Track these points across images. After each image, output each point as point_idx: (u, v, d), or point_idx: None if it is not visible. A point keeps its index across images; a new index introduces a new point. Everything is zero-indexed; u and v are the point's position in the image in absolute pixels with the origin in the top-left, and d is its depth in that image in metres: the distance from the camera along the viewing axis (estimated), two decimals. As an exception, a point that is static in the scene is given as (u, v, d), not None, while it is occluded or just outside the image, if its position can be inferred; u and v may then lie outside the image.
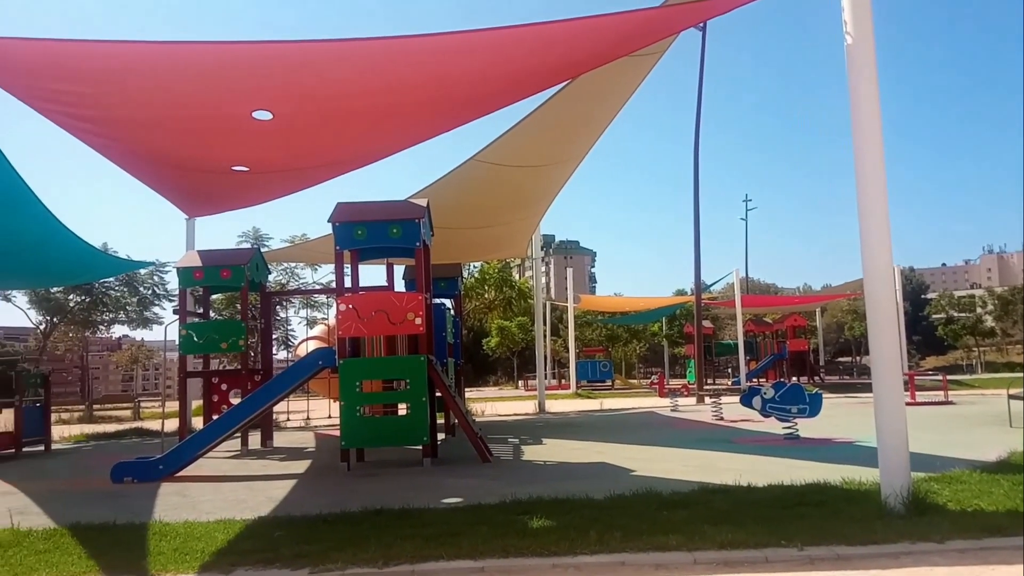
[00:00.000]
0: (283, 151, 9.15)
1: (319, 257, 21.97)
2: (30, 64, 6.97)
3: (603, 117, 11.82)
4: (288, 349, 28.35)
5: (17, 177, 10.49)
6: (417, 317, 9.13)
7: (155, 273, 28.07)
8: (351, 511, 5.95)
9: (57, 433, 15.04)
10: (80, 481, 9.12)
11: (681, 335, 42.14)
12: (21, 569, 4.72)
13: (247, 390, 11.67)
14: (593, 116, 11.62)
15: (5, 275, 16.48)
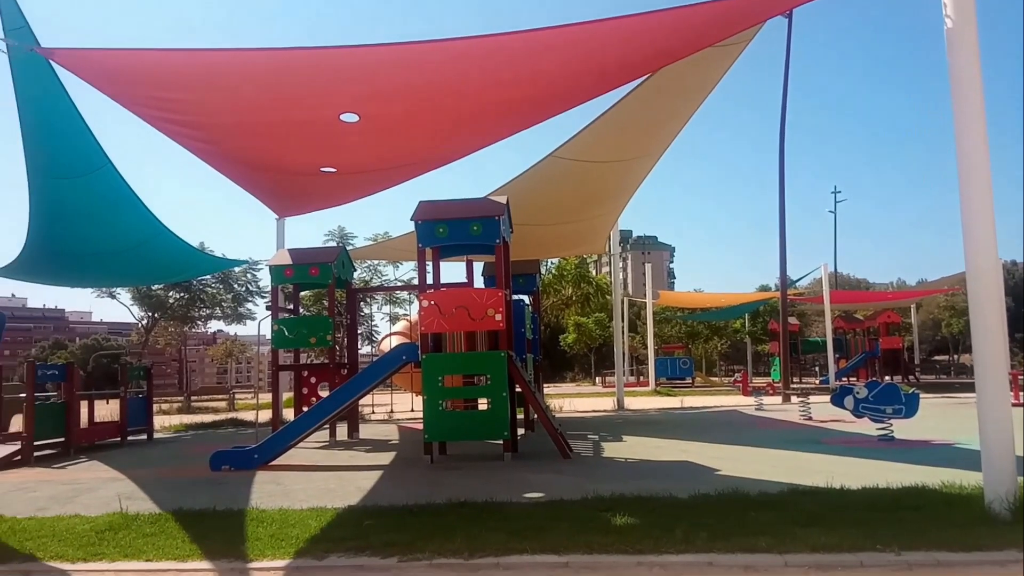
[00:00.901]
0: (369, 152, 9.41)
1: (400, 255, 22.45)
2: (135, 73, 7.41)
3: (686, 110, 11.64)
4: (372, 344, 29.08)
5: (122, 182, 11.19)
6: (497, 313, 9.23)
7: (248, 271, 29.35)
8: (436, 503, 6.09)
9: (158, 423, 15.85)
10: (181, 469, 9.62)
11: (765, 332, 41.05)
12: (131, 551, 5.03)
13: (334, 383, 12.06)
14: (675, 109, 11.46)
15: (111, 273, 17.55)
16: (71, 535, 5.44)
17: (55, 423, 11.62)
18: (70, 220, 12.13)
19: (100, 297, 29.85)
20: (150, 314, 30.73)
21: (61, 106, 9.35)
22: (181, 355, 46.18)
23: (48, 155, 10.39)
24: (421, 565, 4.42)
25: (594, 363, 50.10)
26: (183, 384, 42.55)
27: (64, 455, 11.41)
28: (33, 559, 4.87)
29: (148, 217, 12.37)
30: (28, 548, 5.10)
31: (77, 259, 13.99)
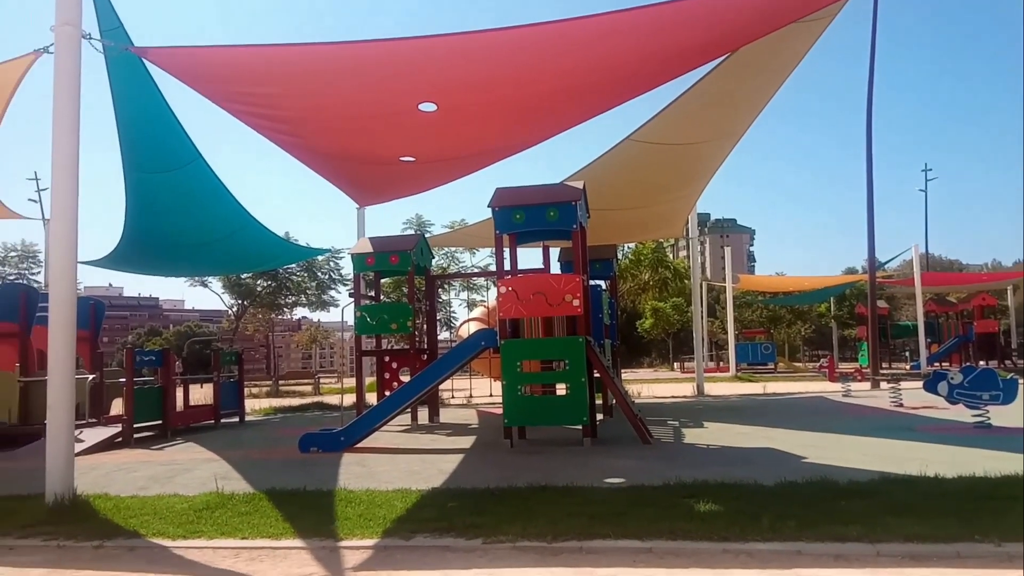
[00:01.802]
0: (446, 140, 9.51)
1: (477, 241, 22.64)
2: (224, 70, 7.69)
3: (768, 88, 11.27)
4: (450, 330, 29.48)
5: (212, 175, 11.63)
6: (575, 299, 9.20)
7: (331, 259, 30.17)
8: (517, 486, 6.14)
9: (249, 406, 16.47)
10: (272, 450, 9.99)
11: (852, 316, 39.62)
12: (227, 529, 5.24)
13: (415, 368, 12.30)
14: (757, 88, 11.12)
15: (203, 263, 18.33)
16: (171, 513, 5.71)
17: (153, 406, 12.24)
18: (163, 212, 12.71)
19: (192, 286, 31.31)
20: (240, 302, 32.00)
21: (154, 103, 9.77)
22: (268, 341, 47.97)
23: (142, 150, 10.90)
24: (505, 547, 4.46)
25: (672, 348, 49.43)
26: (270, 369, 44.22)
27: (162, 437, 12.01)
28: (137, 535, 5.15)
29: (237, 208, 12.84)
30: (132, 525, 5.40)
31: (170, 250, 14.68)
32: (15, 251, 31.14)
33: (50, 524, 5.46)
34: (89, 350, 13.49)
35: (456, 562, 4.28)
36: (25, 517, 5.64)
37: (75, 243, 6.36)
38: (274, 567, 4.38)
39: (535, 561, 4.21)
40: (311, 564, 4.39)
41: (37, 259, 30.18)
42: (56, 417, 6.18)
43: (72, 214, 6.31)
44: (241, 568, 4.39)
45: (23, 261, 31.02)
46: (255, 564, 4.45)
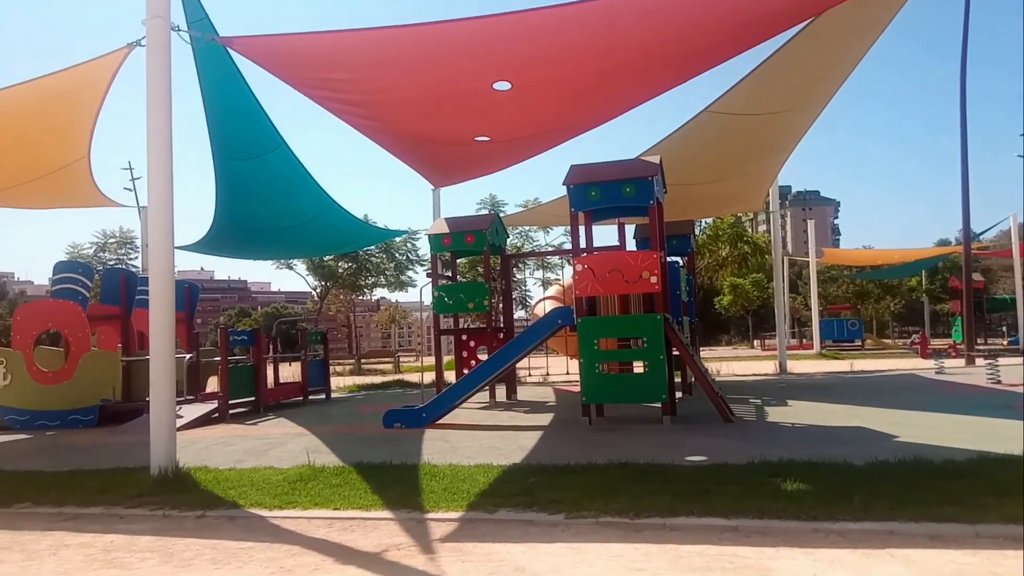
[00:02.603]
0: (521, 118, 9.50)
1: (551, 220, 22.61)
2: (304, 57, 7.89)
3: (854, 54, 10.78)
4: (525, 308, 29.63)
5: (296, 160, 11.98)
6: (652, 275, 9.10)
7: (408, 240, 30.71)
8: (598, 463, 6.16)
9: (334, 384, 17.00)
10: (357, 426, 10.31)
11: (945, 290, 37.81)
12: (319, 500, 5.46)
13: (492, 347, 12.44)
14: (842, 53, 10.65)
15: (288, 246, 18.97)
16: (267, 485, 5.98)
17: (246, 384, 12.80)
18: (250, 198, 13.21)
19: (279, 268, 32.40)
20: (323, 283, 32.99)
21: (239, 92, 10.12)
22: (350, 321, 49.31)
23: (229, 138, 11.32)
24: (588, 523, 4.50)
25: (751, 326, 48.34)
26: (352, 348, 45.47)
27: (254, 413, 12.55)
28: (236, 506, 5.42)
29: (319, 193, 13.21)
30: (231, 496, 5.68)
31: (257, 234, 15.25)
32: (114, 238, 32.90)
33: (156, 495, 5.80)
34: (186, 331, 14.18)
35: (540, 536, 4.35)
36: (133, 488, 6.01)
37: (171, 229, 6.67)
38: (365, 536, 4.55)
39: (618, 537, 4.24)
40: (400, 535, 4.54)
41: (134, 245, 31.79)
42: (159, 394, 6.54)
43: (168, 202, 6.62)
44: (334, 537, 4.57)
45: (122, 247, 32.75)
46: (347, 534, 4.63)
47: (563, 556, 3.95)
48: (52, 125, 10.11)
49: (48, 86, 8.76)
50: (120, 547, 4.56)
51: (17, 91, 8.70)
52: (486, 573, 3.73)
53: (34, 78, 8.58)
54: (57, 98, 9.28)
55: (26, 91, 8.75)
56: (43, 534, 4.95)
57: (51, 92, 9.01)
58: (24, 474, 7.00)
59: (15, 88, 8.63)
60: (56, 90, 8.98)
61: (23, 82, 8.57)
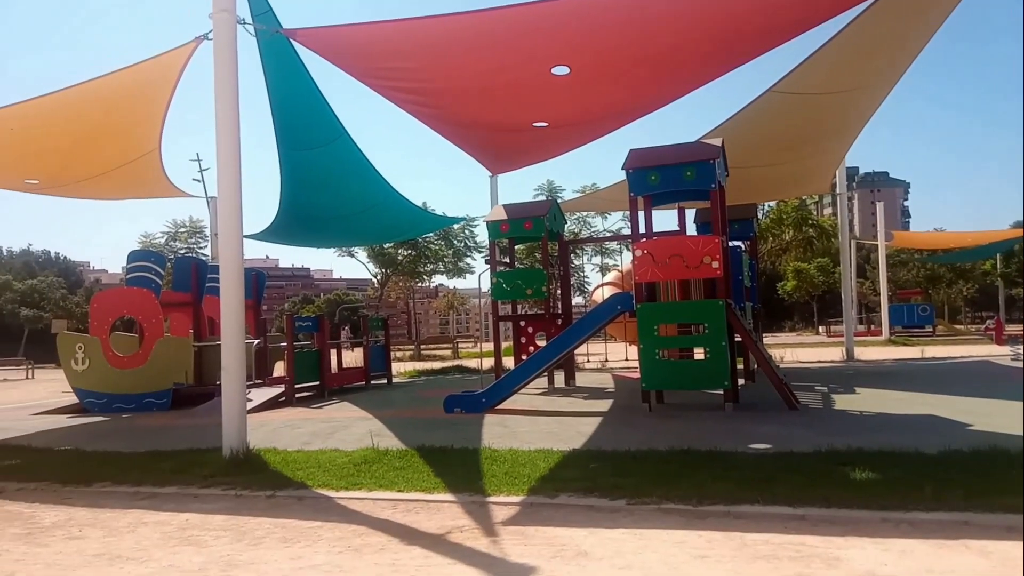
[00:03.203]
0: (579, 103, 9.43)
1: (609, 205, 22.41)
2: (365, 46, 7.99)
3: (925, 29, 10.33)
4: (583, 295, 29.54)
5: (357, 150, 12.16)
6: (714, 260, 8.95)
7: (466, 227, 30.93)
8: (658, 450, 6.12)
9: (394, 369, 17.30)
10: (419, 410, 10.47)
11: (1021, 273, 36.08)
12: (384, 482, 5.57)
13: (550, 333, 12.45)
14: (912, 29, 10.22)
15: (349, 234, 19.32)
16: (333, 466, 6.13)
17: (311, 368, 13.13)
18: (314, 187, 13.47)
19: (340, 256, 33.07)
20: (383, 270, 33.52)
21: (302, 82, 10.30)
22: (409, 307, 50.01)
23: (293, 129, 11.55)
24: (649, 509, 4.48)
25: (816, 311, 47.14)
26: (411, 334, 46.14)
27: (319, 397, 12.87)
28: (304, 486, 5.58)
29: (379, 181, 13.39)
30: (299, 477, 5.85)
31: (320, 222, 15.56)
32: (184, 227, 34.07)
33: (228, 475, 6.01)
34: (253, 317, 14.61)
35: (602, 521, 4.35)
36: (206, 468, 6.24)
37: (240, 220, 6.87)
38: (429, 519, 4.63)
39: (681, 524, 4.21)
40: (463, 517, 4.60)
41: (204, 234, 32.87)
42: (230, 378, 6.77)
43: (236, 193, 6.81)
44: (399, 519, 4.67)
45: (191, 236, 33.91)
46: (412, 515, 4.72)
47: (625, 541, 3.95)
48: (125, 118, 10.49)
49: (121, 81, 9.08)
50: (195, 525, 4.75)
51: (92, 86, 9.04)
52: (548, 557, 3.75)
53: (108, 72, 8.90)
54: (130, 92, 9.62)
55: (100, 86, 9.09)
56: (122, 512, 5.19)
57: (124, 86, 9.35)
58: (103, 454, 7.33)
59: (91, 83, 8.97)
60: (128, 84, 9.31)
61: (98, 77, 8.90)
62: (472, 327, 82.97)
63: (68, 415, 11.72)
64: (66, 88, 8.93)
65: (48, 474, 6.33)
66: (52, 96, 9.05)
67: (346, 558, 3.92)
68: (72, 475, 6.24)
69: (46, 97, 9.05)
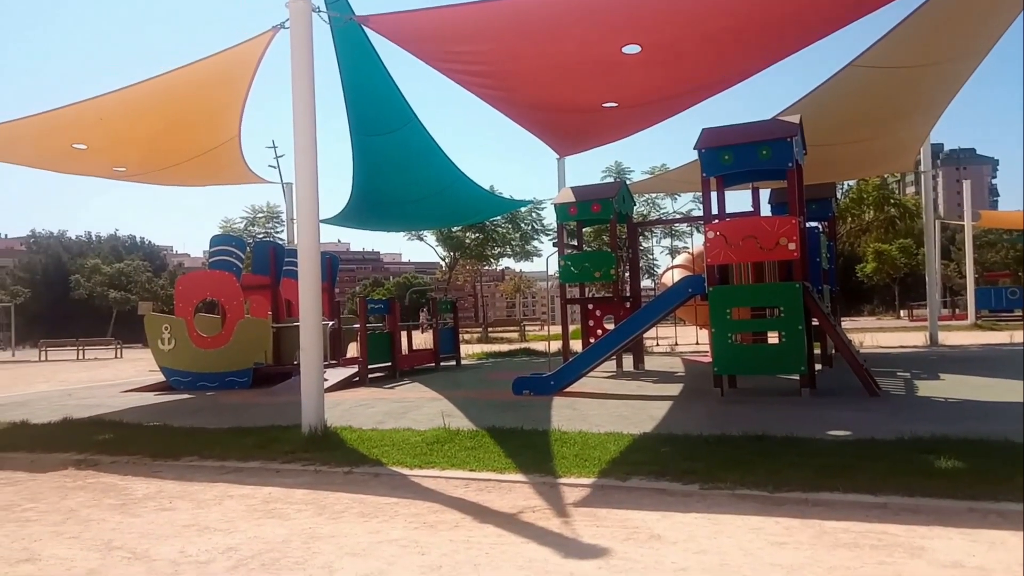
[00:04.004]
0: (651, 82, 9.28)
1: (679, 186, 22.04)
2: (435, 31, 8.04)
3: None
4: (652, 278, 29.21)
5: (427, 134, 12.29)
6: (791, 242, 8.70)
7: (533, 211, 30.93)
8: (731, 435, 6.02)
9: (462, 351, 17.47)
10: (487, 392, 10.58)
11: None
12: (456, 461, 5.66)
13: (619, 316, 12.36)
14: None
15: (419, 218, 19.56)
16: (406, 445, 6.27)
17: (383, 350, 13.41)
18: (384, 172, 13.70)
19: (410, 239, 33.58)
20: (451, 253, 33.90)
21: (374, 68, 10.46)
22: (476, 290, 50.44)
23: (365, 115, 11.76)
24: (723, 494, 4.43)
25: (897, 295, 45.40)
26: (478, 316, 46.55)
27: (391, 377, 13.14)
28: (380, 464, 5.72)
29: (448, 165, 13.51)
30: (375, 454, 6.00)
31: (391, 206, 15.82)
32: (262, 212, 35.17)
33: (307, 451, 6.22)
34: (328, 300, 14.98)
35: (674, 505, 4.32)
36: (286, 445, 6.47)
37: (317, 207, 7.04)
38: (501, 498, 4.69)
39: (757, 510, 4.15)
40: (534, 498, 4.65)
41: (280, 219, 33.86)
42: (308, 358, 6.98)
43: (313, 180, 6.98)
44: (472, 497, 4.75)
45: (269, 221, 34.99)
46: (484, 494, 4.80)
47: (699, 526, 3.91)
48: (206, 107, 10.87)
49: (202, 70, 9.40)
50: (277, 499, 4.94)
51: (176, 76, 9.39)
52: (621, 539, 3.76)
53: (190, 63, 9.22)
54: (211, 81, 9.96)
55: (184, 75, 9.43)
56: (209, 485, 5.43)
57: (205, 75, 9.67)
58: (190, 430, 7.68)
59: (174, 73, 9.32)
60: (209, 73, 9.63)
61: (181, 67, 9.23)
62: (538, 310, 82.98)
63: (155, 393, 12.30)
64: (151, 78, 9.30)
65: (139, 448, 6.67)
66: (138, 86, 9.45)
67: (422, 534, 4.02)
68: (161, 449, 6.57)
69: (133, 87, 9.45)
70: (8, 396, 12.59)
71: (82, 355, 29.42)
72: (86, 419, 8.70)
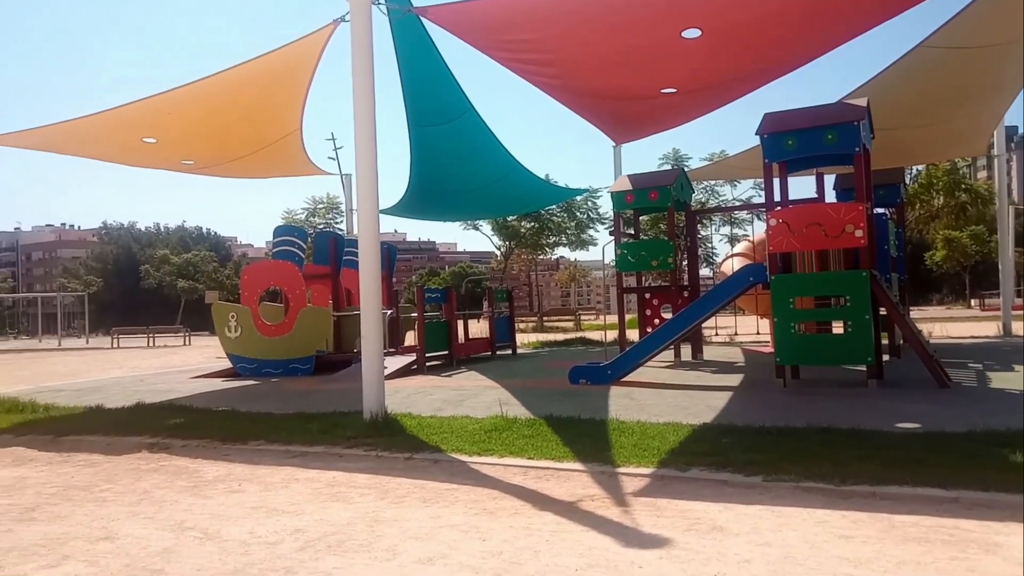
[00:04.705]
0: (711, 66, 9.12)
1: (738, 173, 21.62)
2: (492, 20, 8.05)
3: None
4: (710, 266, 28.76)
5: (483, 124, 12.33)
6: (857, 229, 8.45)
7: (588, 199, 30.75)
8: (795, 426, 5.90)
9: (517, 340, 17.52)
10: (544, 380, 10.59)
11: None
12: (514, 448, 5.69)
13: (676, 305, 12.22)
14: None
15: (475, 207, 19.67)
16: (465, 432, 6.33)
17: (440, 338, 13.55)
18: (441, 162, 13.80)
19: (465, 229, 33.79)
20: (507, 242, 33.98)
21: (431, 60, 10.53)
22: (531, 279, 50.48)
23: (423, 106, 11.86)
24: (787, 486, 4.35)
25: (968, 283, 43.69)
26: (532, 305, 46.60)
27: (448, 366, 13.27)
28: (439, 450, 5.80)
29: (504, 155, 13.53)
30: (434, 441, 6.08)
31: (448, 196, 15.94)
32: (322, 203, 35.88)
33: (368, 437, 6.34)
34: (387, 289, 15.22)
35: (736, 497, 4.27)
36: (349, 431, 6.60)
37: (377, 199, 7.15)
38: (559, 486, 4.71)
39: (822, 503, 4.06)
40: (593, 487, 4.65)
41: (339, 210, 34.47)
42: (369, 346, 7.11)
43: (373, 173, 7.08)
44: (530, 485, 4.78)
45: (328, 212, 35.66)
46: (543, 482, 4.82)
47: (763, 518, 3.86)
48: (270, 101, 11.12)
49: (267, 64, 9.62)
50: (341, 483, 5.06)
51: (240, 70, 9.63)
52: (682, 530, 3.73)
53: (253, 58, 9.44)
54: (275, 75, 10.18)
55: (248, 70, 9.66)
56: (276, 468, 5.60)
57: (269, 70, 9.89)
58: (256, 415, 7.91)
59: (239, 68, 9.55)
60: (273, 68, 9.84)
61: (245, 61, 9.46)
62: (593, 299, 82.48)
63: (222, 378, 12.70)
64: (218, 73, 9.55)
65: (209, 432, 6.89)
66: (205, 81, 9.72)
67: (482, 520, 4.06)
68: (230, 433, 6.78)
69: (200, 82, 9.73)
70: (84, 381, 13.18)
71: (152, 342, 30.57)
72: (158, 404, 9.05)
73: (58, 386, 12.25)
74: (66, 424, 7.76)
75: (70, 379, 13.91)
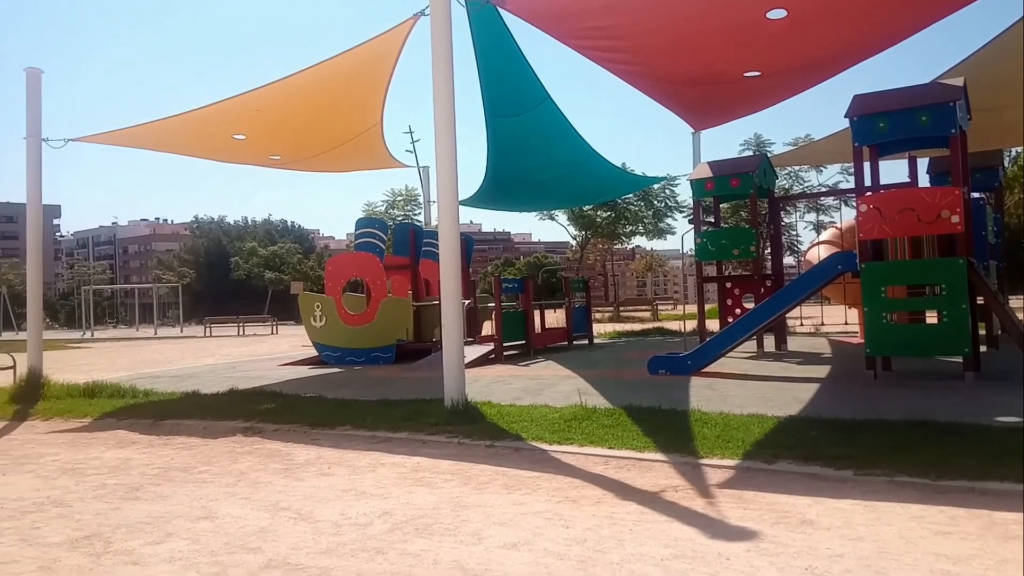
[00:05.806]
0: (796, 48, 8.83)
1: (824, 157, 20.84)
2: (570, 8, 8.02)
3: None
4: (795, 255, 27.93)
5: (559, 113, 12.30)
6: (953, 215, 8.06)
7: (666, 187, 30.29)
8: (887, 420, 5.70)
9: (594, 330, 17.47)
10: (622, 371, 10.54)
11: None
12: (594, 438, 5.70)
13: (759, 295, 11.93)
14: None
15: (551, 197, 19.66)
16: (545, 421, 6.36)
17: (517, 328, 13.63)
18: (517, 152, 13.84)
19: (541, 219, 33.83)
20: (583, 232, 33.85)
21: (509, 51, 10.57)
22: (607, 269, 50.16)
23: (499, 96, 11.92)
24: (880, 481, 4.22)
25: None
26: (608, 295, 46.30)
27: (525, 355, 13.34)
28: (520, 438, 5.86)
29: (581, 144, 13.47)
30: (514, 429, 6.14)
31: (524, 186, 15.98)
32: (401, 196, 36.56)
33: (450, 424, 6.46)
34: (464, 279, 15.40)
35: (826, 490, 4.16)
36: (431, 418, 6.74)
37: (456, 188, 7.24)
38: (641, 476, 4.69)
39: (917, 498, 3.92)
40: (676, 477, 4.62)
41: (417, 202, 35.05)
42: (450, 335, 7.23)
43: (453, 163, 7.17)
44: (612, 474, 4.78)
45: (407, 204, 36.32)
46: (624, 472, 4.82)
47: (854, 513, 3.75)
48: (353, 95, 11.39)
49: (349, 59, 9.84)
50: (425, 468, 5.18)
51: (324, 66, 9.89)
52: (771, 523, 3.67)
53: (338, 53, 9.67)
54: (357, 70, 10.41)
55: (331, 66, 9.91)
56: (363, 453, 5.77)
57: (352, 65, 10.12)
58: (342, 401, 8.16)
59: (323, 64, 9.81)
60: (356, 63, 10.07)
61: (329, 57, 9.70)
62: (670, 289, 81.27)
63: (309, 366, 13.14)
64: (303, 69, 9.84)
65: (298, 417, 7.17)
66: (290, 79, 10.03)
67: (565, 508, 4.10)
68: (318, 419, 7.02)
69: (286, 80, 10.05)
70: (179, 368, 13.87)
71: (242, 331, 31.86)
72: (250, 390, 9.45)
73: (156, 373, 12.93)
74: (165, 409, 8.19)
75: (166, 366, 14.65)
